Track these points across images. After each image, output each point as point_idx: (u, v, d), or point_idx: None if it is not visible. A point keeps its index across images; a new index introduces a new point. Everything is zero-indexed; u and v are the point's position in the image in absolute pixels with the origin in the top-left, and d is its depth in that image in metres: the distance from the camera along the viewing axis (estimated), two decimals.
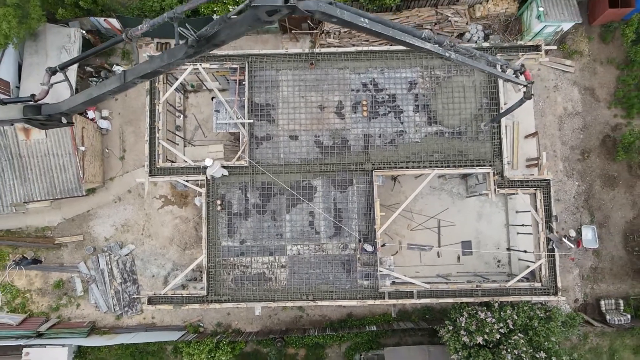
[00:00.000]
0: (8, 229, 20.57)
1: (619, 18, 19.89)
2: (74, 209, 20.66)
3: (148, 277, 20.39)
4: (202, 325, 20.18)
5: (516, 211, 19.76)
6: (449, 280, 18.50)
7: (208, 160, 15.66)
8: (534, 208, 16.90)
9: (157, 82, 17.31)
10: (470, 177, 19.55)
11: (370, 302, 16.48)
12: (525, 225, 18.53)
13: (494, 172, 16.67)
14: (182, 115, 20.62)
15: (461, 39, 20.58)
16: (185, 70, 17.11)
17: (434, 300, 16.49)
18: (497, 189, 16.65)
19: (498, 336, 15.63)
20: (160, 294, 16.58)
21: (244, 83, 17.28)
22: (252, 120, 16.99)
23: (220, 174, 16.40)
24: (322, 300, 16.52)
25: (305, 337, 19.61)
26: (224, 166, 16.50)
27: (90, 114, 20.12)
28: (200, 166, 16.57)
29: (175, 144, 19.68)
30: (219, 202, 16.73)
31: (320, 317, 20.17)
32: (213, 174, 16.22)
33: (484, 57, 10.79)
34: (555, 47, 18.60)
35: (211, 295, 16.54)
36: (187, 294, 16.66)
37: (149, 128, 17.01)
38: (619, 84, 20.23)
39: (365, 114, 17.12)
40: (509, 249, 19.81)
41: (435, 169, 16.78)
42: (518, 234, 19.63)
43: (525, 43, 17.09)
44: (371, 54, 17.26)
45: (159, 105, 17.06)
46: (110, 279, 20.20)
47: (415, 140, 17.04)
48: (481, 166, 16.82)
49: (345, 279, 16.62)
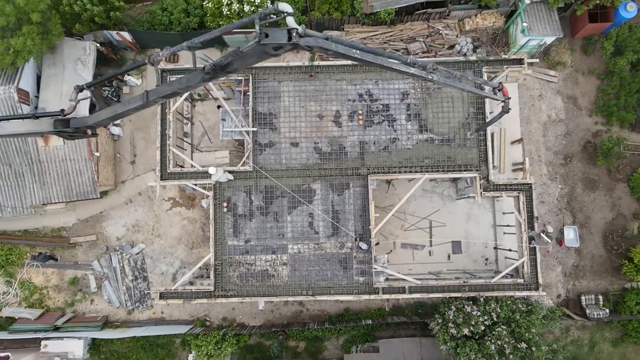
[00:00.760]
0: (26, 229, 21.88)
1: (599, 32, 21.22)
2: (87, 210, 21.96)
3: (157, 275, 21.70)
4: (209, 319, 21.49)
5: (503, 212, 21.07)
6: (439, 277, 19.80)
7: (212, 169, 16.85)
8: (517, 210, 18.24)
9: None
10: (460, 181, 20.85)
11: (365, 297, 17.81)
12: (510, 225, 19.85)
13: (480, 177, 18.00)
14: (190, 123, 21.92)
15: (452, 51, 21.90)
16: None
17: (424, 295, 17.83)
18: (483, 192, 17.99)
19: (483, 328, 16.98)
20: (171, 290, 17.91)
21: (248, 93, 18.60)
22: (256, 128, 18.32)
23: (225, 178, 17.72)
24: (321, 295, 17.85)
25: (305, 331, 20.92)
26: (230, 171, 17.82)
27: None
28: (206, 171, 17.85)
29: (184, 150, 20.99)
30: (225, 205, 18.06)
31: (320, 312, 21.48)
32: (218, 180, 17.54)
33: (464, 77, 12.09)
34: (537, 60, 19.94)
35: (218, 291, 17.87)
36: (196, 290, 17.98)
37: (160, 136, 18.33)
38: (599, 93, 21.56)
39: (361, 122, 18.44)
40: (495, 248, 21.13)
41: (426, 174, 18.11)
42: (504, 233, 20.93)
43: (509, 57, 18.43)
44: (366, 67, 18.57)
45: (169, 114, 18.37)
46: (122, 276, 21.49)
47: (407, 147, 18.37)
48: (468, 171, 18.15)
49: (342, 276, 17.94)
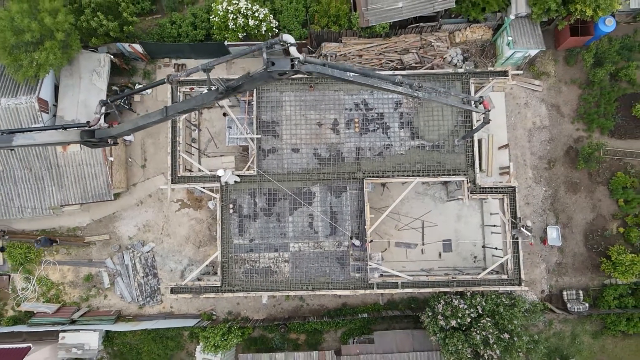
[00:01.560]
0: (44, 229, 23.30)
1: (581, 44, 22.65)
2: (101, 211, 23.39)
3: (167, 272, 23.13)
4: (215, 313, 22.93)
5: (490, 213, 22.46)
6: (430, 273, 21.22)
7: (220, 171, 18.54)
8: (502, 211, 19.69)
9: (174, 95, 20.03)
10: (450, 184, 22.27)
11: (361, 292, 19.26)
12: (497, 225, 21.27)
13: (467, 180, 19.44)
14: (197, 129, 23.34)
15: (443, 61, 23.32)
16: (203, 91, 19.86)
17: (416, 290, 19.27)
18: (470, 195, 19.43)
19: (469, 320, 18.42)
20: (182, 285, 19.36)
21: (252, 103, 20.05)
22: (260, 136, 19.77)
23: (233, 180, 19.18)
24: (320, 290, 19.29)
25: (306, 324, 22.34)
26: (238, 175, 19.28)
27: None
28: (214, 175, 19.32)
29: (191, 155, 22.41)
30: (231, 206, 19.51)
31: (319, 307, 22.91)
32: (227, 181, 19.02)
33: (448, 92, 13.52)
34: (522, 72, 21.40)
35: (225, 286, 19.32)
36: (204, 285, 19.43)
37: (171, 142, 19.78)
38: (580, 102, 23.00)
39: (357, 129, 19.89)
40: (483, 247, 22.55)
41: (417, 178, 19.56)
42: (492, 233, 22.32)
43: (494, 69, 19.90)
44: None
45: (179, 123, 19.81)
46: (133, 273, 22.93)
47: (400, 153, 19.81)
48: (457, 175, 19.59)
49: (340, 272, 19.39)
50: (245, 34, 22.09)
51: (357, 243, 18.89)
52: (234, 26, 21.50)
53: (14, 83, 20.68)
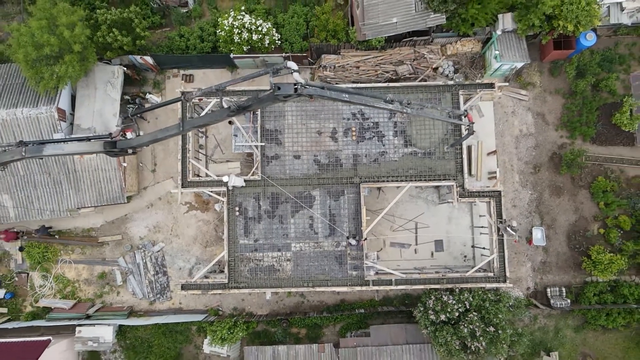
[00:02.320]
0: (60, 230, 24.79)
1: (564, 57, 24.15)
2: (114, 213, 24.87)
3: (176, 270, 24.62)
4: (221, 309, 24.42)
5: (479, 215, 23.95)
6: (422, 272, 22.71)
7: (225, 177, 20.04)
8: (489, 213, 21.19)
9: (188, 112, 21.53)
10: (442, 188, 23.76)
11: (357, 288, 20.75)
12: (485, 227, 22.75)
13: (456, 185, 20.92)
14: (204, 136, 24.83)
15: (435, 72, 24.83)
16: (211, 102, 21.34)
17: (408, 287, 20.77)
18: (460, 198, 20.91)
19: (457, 314, 19.91)
20: (191, 282, 20.85)
21: (257, 113, 21.53)
22: (264, 143, 21.25)
23: (240, 184, 20.61)
24: (320, 287, 20.79)
25: (306, 319, 23.83)
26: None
27: (129, 135, 24.32)
28: (221, 180, 20.78)
29: (199, 160, 23.89)
30: (237, 209, 21.00)
31: (319, 303, 24.41)
32: (234, 184, 20.48)
33: (434, 108, 15.01)
34: (507, 84, 22.87)
35: (232, 283, 20.81)
36: (212, 282, 20.92)
37: (181, 149, 21.26)
38: (564, 111, 24.51)
39: (354, 138, 21.38)
40: (473, 246, 24.06)
41: (410, 182, 21.05)
42: (481, 234, 23.80)
43: (482, 81, 21.38)
44: (359, 90, 21.44)
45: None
46: (144, 271, 24.42)
47: (394, 159, 21.30)
48: (447, 180, 21.08)
49: (338, 270, 20.88)
50: (249, 47, 23.59)
51: (353, 242, 20.38)
52: (239, 40, 23.01)
53: (35, 94, 22.18)
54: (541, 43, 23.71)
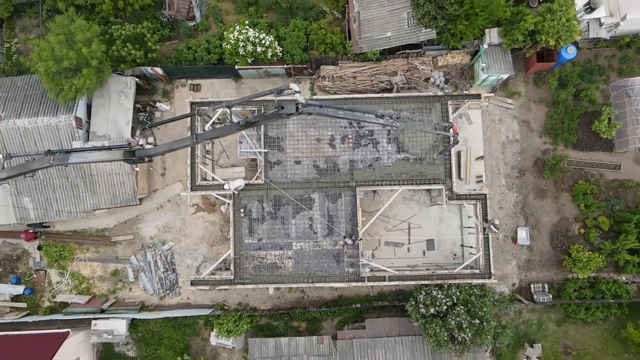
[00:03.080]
0: (75, 230, 26.47)
1: (547, 68, 25.81)
2: (126, 214, 26.52)
3: (184, 267, 26.29)
4: (227, 304, 26.10)
5: (468, 216, 25.64)
6: (414, 269, 24.38)
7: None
8: (475, 215, 22.86)
9: (196, 120, 23.18)
10: (433, 190, 25.42)
11: (354, 284, 22.44)
12: (472, 227, 24.44)
13: (445, 188, 22.59)
14: (211, 142, 26.48)
15: (427, 83, 26.49)
16: (218, 111, 22.97)
17: (401, 283, 22.46)
18: (448, 201, 22.59)
19: (445, 308, 21.57)
20: (200, 278, 22.53)
21: None
22: (267, 150, 22.92)
23: (240, 184, 21.99)
24: (319, 283, 22.47)
25: (306, 313, 25.51)
26: (246, 184, 22.41)
27: (141, 141, 25.98)
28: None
29: (206, 164, 25.55)
30: (242, 210, 22.66)
31: (318, 298, 26.09)
32: (235, 186, 22.01)
33: (422, 120, 16.67)
34: (493, 94, 24.56)
35: (237, 279, 22.49)
36: (219, 278, 22.59)
37: (190, 155, 22.91)
38: (547, 118, 26.18)
39: (350, 144, 23.05)
40: (462, 245, 25.73)
41: (402, 186, 22.73)
42: (469, 234, 25.48)
43: (469, 92, 23.09)
44: (355, 100, 23.14)
45: None
46: (155, 268, 26.07)
47: (388, 164, 22.97)
48: (436, 184, 22.74)
49: (336, 267, 22.56)
50: (253, 59, 25.24)
51: (350, 242, 22.06)
52: (243, 52, 24.62)
53: (54, 103, 23.82)
54: (525, 56, 25.37)
